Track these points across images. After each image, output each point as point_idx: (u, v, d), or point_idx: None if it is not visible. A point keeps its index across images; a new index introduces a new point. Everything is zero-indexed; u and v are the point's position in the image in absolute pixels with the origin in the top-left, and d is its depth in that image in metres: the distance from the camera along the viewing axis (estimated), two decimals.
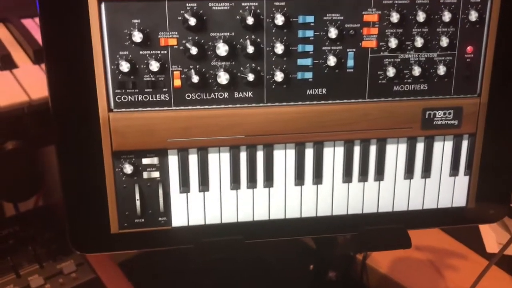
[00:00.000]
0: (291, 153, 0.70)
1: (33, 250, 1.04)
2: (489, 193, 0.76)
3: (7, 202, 1.21)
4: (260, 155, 0.70)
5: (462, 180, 0.75)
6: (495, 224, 1.22)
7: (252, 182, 0.70)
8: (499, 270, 1.10)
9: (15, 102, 0.91)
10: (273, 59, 0.66)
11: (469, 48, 0.69)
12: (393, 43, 0.67)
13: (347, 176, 0.72)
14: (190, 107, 0.66)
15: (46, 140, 0.99)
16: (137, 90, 0.64)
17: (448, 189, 0.75)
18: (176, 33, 0.63)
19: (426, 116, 0.70)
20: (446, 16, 0.67)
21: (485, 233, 1.22)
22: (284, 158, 0.70)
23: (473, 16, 0.68)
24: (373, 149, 0.72)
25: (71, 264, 1.02)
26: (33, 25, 1.07)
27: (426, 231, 0.93)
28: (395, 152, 0.72)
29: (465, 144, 0.73)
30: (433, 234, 1.20)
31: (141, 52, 0.63)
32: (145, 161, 0.67)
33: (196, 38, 0.63)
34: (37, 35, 1.01)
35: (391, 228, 0.74)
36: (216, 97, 0.66)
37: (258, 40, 0.65)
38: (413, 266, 1.15)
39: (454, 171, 0.74)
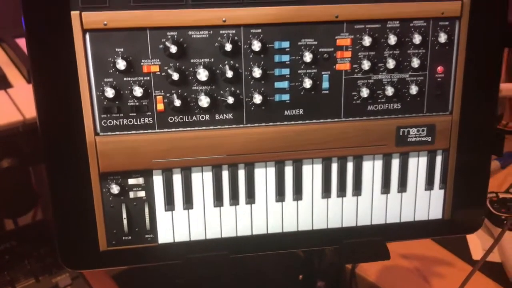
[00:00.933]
0: (271, 171, 0.73)
1: (29, 265, 1.07)
2: (464, 206, 0.79)
3: (4, 218, 1.24)
4: (241, 174, 0.73)
5: (438, 194, 0.78)
6: (481, 231, 1.24)
7: (234, 199, 0.73)
8: (484, 277, 1.12)
9: (10, 121, 0.94)
10: (252, 82, 0.69)
11: (440, 68, 0.72)
12: (366, 65, 0.70)
13: (326, 192, 0.75)
14: (173, 130, 0.69)
15: (41, 157, 1.01)
16: (122, 115, 0.67)
17: (424, 202, 0.78)
18: (158, 60, 0.66)
19: (400, 134, 0.73)
20: (417, 39, 0.70)
21: (471, 241, 1.24)
22: (264, 176, 0.73)
23: (442, 38, 0.71)
24: (350, 166, 0.75)
25: (66, 278, 1.04)
26: None
27: (414, 240, 0.95)
28: (372, 169, 0.75)
29: (439, 159, 0.76)
30: (420, 242, 1.22)
31: (125, 79, 0.66)
32: (131, 181, 0.70)
33: (177, 64, 0.67)
34: None
35: (370, 241, 0.77)
36: (198, 119, 0.69)
37: (237, 65, 0.68)
38: (401, 274, 1.18)
39: (429, 185, 0.77)
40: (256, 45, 0.67)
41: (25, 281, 1.04)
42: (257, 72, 0.68)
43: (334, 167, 0.74)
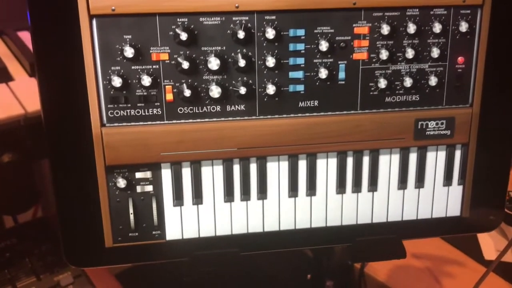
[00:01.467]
0: (284, 165, 0.71)
1: (30, 263, 1.05)
2: (483, 203, 0.76)
3: (5, 214, 1.21)
4: (253, 168, 0.70)
5: (456, 190, 0.75)
6: (493, 231, 1.22)
7: (245, 194, 0.70)
8: (497, 277, 1.10)
9: (11, 115, 0.91)
10: (265, 72, 0.66)
11: (460, 59, 0.70)
12: (384, 55, 0.67)
13: (341, 187, 0.72)
14: (182, 121, 0.66)
15: (43, 152, 0.99)
16: (129, 105, 0.65)
17: (442, 199, 0.75)
18: (168, 47, 0.63)
19: (419, 127, 0.71)
20: (437, 28, 0.67)
21: (483, 240, 1.22)
22: (277, 170, 0.71)
23: (464, 27, 0.68)
24: (366, 160, 0.72)
25: (68, 277, 1.02)
26: (29, 38, 1.06)
27: (425, 239, 0.92)
28: (388, 163, 0.73)
29: (458, 154, 0.74)
30: (431, 241, 1.20)
31: (133, 67, 0.63)
32: (138, 175, 0.67)
33: (188, 52, 0.64)
34: None
35: (386, 239, 0.75)
36: (209, 110, 0.67)
37: (250, 53, 0.65)
38: (411, 274, 1.15)
39: (447, 181, 0.74)
40: (270, 33, 0.64)
41: (26, 280, 1.01)
42: (270, 61, 0.65)
43: (350, 161, 0.72)
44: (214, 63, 0.64)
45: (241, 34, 0.63)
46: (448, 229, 0.78)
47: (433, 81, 0.69)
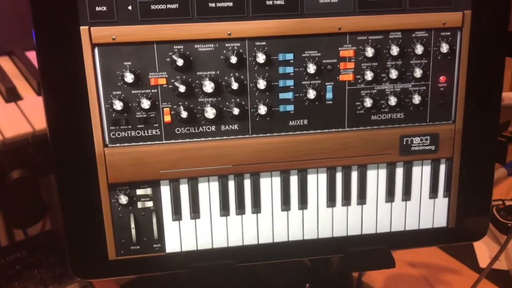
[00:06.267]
0: (276, 180, 0.74)
1: (39, 274, 1.08)
2: (468, 213, 0.79)
3: (14, 228, 1.25)
4: (247, 183, 0.74)
5: (442, 202, 0.78)
6: (488, 239, 1.24)
7: (240, 209, 0.74)
8: (491, 285, 1.12)
9: (20, 133, 0.95)
10: (257, 94, 0.70)
11: (442, 78, 0.73)
12: (369, 75, 0.71)
13: (331, 201, 0.76)
14: (180, 141, 0.70)
15: (50, 168, 1.03)
16: (130, 126, 0.69)
17: (429, 210, 0.78)
18: (165, 73, 0.68)
19: (404, 143, 0.74)
20: (419, 49, 0.71)
21: (478, 249, 1.24)
22: (270, 185, 0.74)
23: (444, 48, 0.72)
24: (354, 175, 0.76)
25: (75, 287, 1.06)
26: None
27: (421, 248, 0.94)
28: (376, 177, 0.76)
29: (442, 168, 0.77)
30: (427, 250, 1.22)
31: (133, 92, 0.68)
32: (139, 191, 0.71)
33: (184, 77, 0.68)
34: None
35: (375, 249, 0.78)
36: (204, 130, 0.71)
37: (242, 77, 0.69)
38: (408, 282, 1.18)
39: (433, 193, 0.78)
40: (261, 57, 0.68)
41: None
42: (261, 84, 0.69)
43: (339, 176, 0.75)
44: (208, 87, 0.68)
45: (233, 59, 0.67)
46: (435, 239, 0.81)
47: (416, 99, 0.73)
